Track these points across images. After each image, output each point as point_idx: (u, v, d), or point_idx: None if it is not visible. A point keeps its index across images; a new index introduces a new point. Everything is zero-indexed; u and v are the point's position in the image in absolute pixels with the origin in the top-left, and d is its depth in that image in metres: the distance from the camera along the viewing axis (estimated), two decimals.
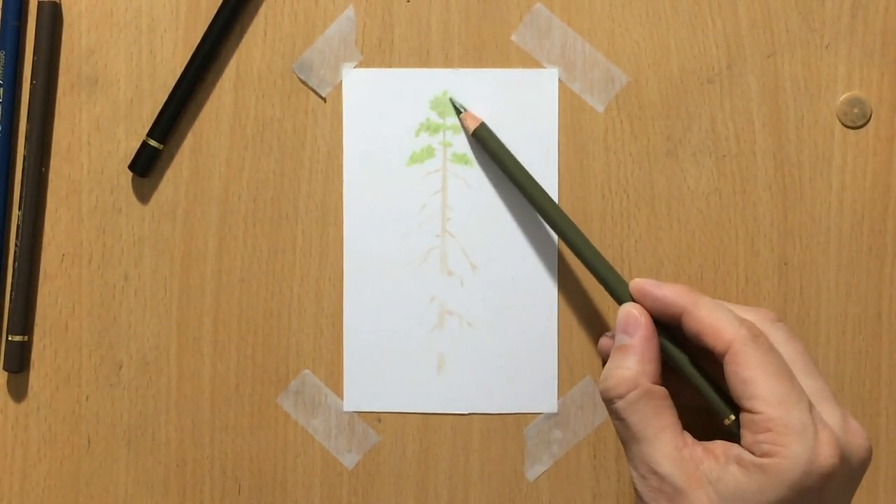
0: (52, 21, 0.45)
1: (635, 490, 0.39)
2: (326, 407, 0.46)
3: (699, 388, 0.39)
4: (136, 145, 0.46)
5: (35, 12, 0.46)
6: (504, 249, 0.45)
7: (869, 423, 0.45)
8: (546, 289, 0.45)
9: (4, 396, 0.46)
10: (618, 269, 0.45)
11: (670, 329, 0.40)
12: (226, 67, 0.46)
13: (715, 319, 0.38)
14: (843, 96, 0.45)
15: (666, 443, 0.38)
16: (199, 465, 0.46)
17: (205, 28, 0.45)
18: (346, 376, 0.46)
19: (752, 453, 0.36)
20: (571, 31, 0.45)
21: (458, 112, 0.45)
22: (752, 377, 0.37)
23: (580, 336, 0.45)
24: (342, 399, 0.46)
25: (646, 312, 0.40)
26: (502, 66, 0.45)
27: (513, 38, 0.46)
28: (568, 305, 0.45)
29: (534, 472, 0.45)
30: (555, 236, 0.45)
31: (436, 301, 0.46)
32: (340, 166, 0.46)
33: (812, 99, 0.45)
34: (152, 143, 0.45)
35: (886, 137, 0.45)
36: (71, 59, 0.46)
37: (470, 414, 0.46)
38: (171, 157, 0.46)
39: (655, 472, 0.37)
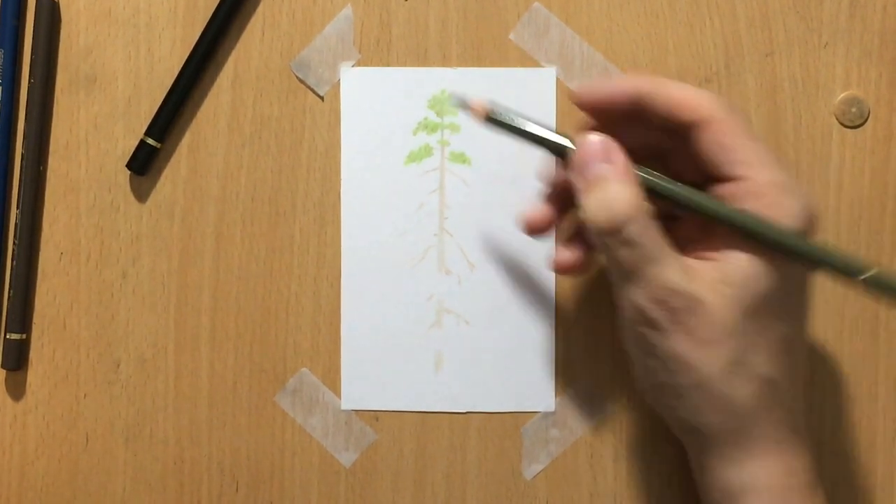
0: (51, 19, 0.45)
1: (650, 324, 0.37)
2: (324, 405, 0.46)
3: (691, 200, 0.38)
4: (134, 144, 0.46)
5: (33, 11, 0.46)
6: (502, 248, 0.45)
7: (866, 424, 0.45)
8: (544, 287, 0.45)
9: (3, 394, 0.46)
10: None
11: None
12: (224, 66, 0.46)
13: (688, 92, 0.38)
14: (841, 96, 0.45)
15: (676, 258, 0.37)
16: (196, 463, 0.46)
17: (203, 26, 0.45)
18: (343, 375, 0.46)
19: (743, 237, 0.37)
20: (569, 31, 0.45)
21: (464, 106, 0.40)
22: (737, 143, 0.37)
23: (578, 335, 0.45)
24: (340, 397, 0.46)
25: (608, 136, 0.39)
26: (500, 64, 0.45)
27: (511, 36, 0.45)
28: (566, 304, 0.45)
29: (531, 470, 0.45)
30: (554, 235, 0.45)
31: (434, 299, 0.46)
32: (338, 165, 0.46)
33: (810, 98, 0.45)
34: (150, 141, 0.45)
35: (884, 137, 0.45)
36: (69, 57, 0.46)
37: (467, 413, 0.46)
38: (169, 156, 0.46)
39: (674, 290, 0.37)
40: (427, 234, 0.46)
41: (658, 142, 0.40)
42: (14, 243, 0.46)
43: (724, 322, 0.36)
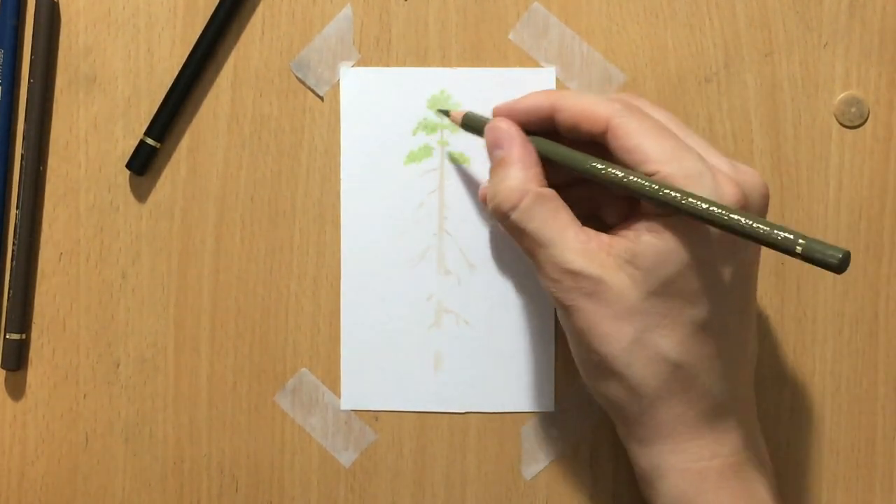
0: (50, 19, 0.45)
1: (555, 301, 0.38)
2: (324, 405, 0.46)
3: (598, 173, 0.38)
4: (134, 144, 0.46)
5: (33, 11, 0.46)
6: (501, 248, 0.45)
7: (865, 422, 0.45)
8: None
9: (2, 394, 0.46)
10: None
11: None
12: (223, 66, 0.46)
13: (586, 103, 0.38)
14: (841, 96, 0.45)
15: (571, 239, 0.38)
16: (196, 463, 0.46)
17: (202, 26, 0.45)
18: (343, 375, 0.46)
19: (661, 216, 0.36)
20: (569, 30, 0.45)
21: (445, 115, 0.45)
22: (638, 143, 0.37)
23: None
24: (339, 397, 0.46)
25: (511, 121, 0.40)
26: (500, 65, 0.45)
27: (510, 36, 0.46)
28: None
29: (531, 471, 0.45)
30: None
31: (433, 299, 0.46)
32: (338, 165, 0.46)
33: (809, 98, 0.45)
34: (150, 141, 0.45)
35: (884, 137, 0.45)
36: (69, 57, 0.46)
37: (467, 412, 0.46)
38: (169, 156, 0.46)
39: (568, 271, 0.37)
40: (427, 234, 0.46)
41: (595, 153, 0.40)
42: (14, 243, 0.46)
43: (625, 301, 0.37)
